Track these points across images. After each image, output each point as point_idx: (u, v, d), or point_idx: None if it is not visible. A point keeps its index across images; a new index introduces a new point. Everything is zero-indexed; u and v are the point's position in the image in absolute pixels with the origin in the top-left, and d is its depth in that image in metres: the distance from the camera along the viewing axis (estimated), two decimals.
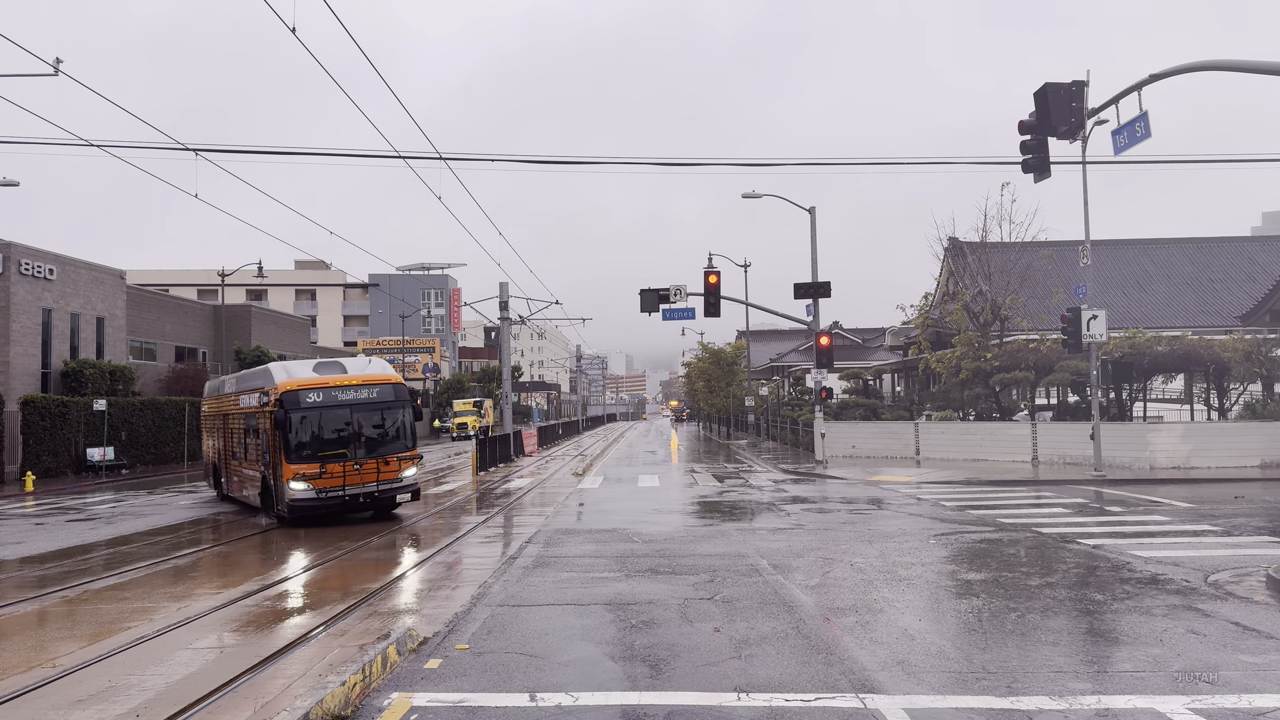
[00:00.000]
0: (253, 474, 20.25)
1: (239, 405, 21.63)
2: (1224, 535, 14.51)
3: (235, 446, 22.07)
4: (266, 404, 18.77)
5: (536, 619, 9.51)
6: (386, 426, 18.76)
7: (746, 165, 41.70)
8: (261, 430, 19.24)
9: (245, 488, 21.16)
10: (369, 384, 18.70)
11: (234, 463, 22.23)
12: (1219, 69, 13.39)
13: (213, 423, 25.05)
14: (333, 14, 15.74)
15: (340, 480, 17.87)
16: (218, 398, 24.56)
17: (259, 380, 20.13)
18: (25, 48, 15.46)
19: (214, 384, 26.30)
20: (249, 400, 20.49)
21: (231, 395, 22.71)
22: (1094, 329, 22.76)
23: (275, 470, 18.18)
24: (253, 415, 20.04)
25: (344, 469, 17.93)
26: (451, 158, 22.98)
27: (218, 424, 24.16)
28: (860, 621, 9.11)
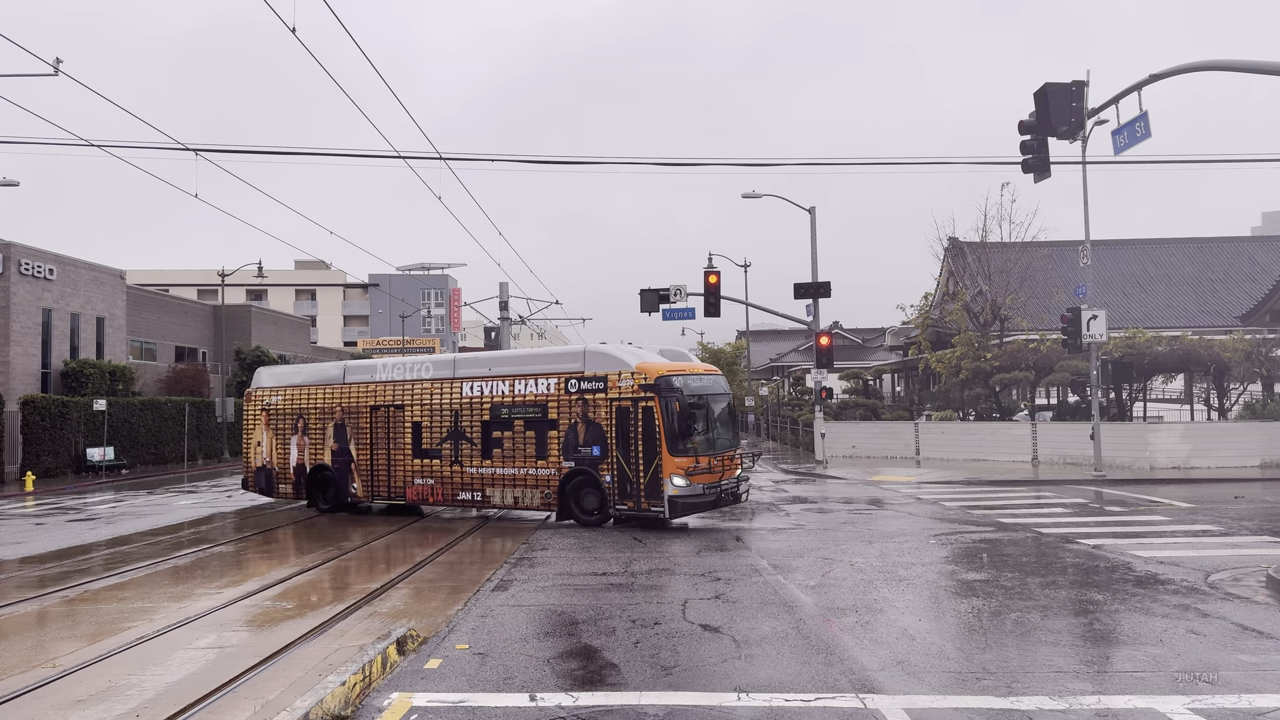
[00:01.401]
0: (526, 474, 17.41)
1: (498, 390, 17.88)
2: (1224, 535, 14.51)
3: (463, 442, 18.18)
4: (607, 390, 16.55)
5: (536, 619, 9.50)
6: (728, 421, 17.73)
7: (747, 165, 41.70)
8: (590, 420, 16.70)
9: (493, 491, 17.84)
10: (714, 376, 17.78)
11: (437, 464, 18.50)
12: (1219, 69, 13.39)
13: (330, 417, 20.26)
14: (335, 17, 15.74)
15: (717, 475, 16.57)
16: (368, 385, 19.84)
17: (569, 363, 17.34)
18: (25, 48, 15.47)
19: (319, 370, 21.69)
20: (544, 385, 17.32)
21: (443, 379, 18.76)
22: (1094, 329, 22.77)
23: (634, 465, 16.23)
24: (565, 403, 17.03)
25: (715, 463, 16.64)
26: (451, 158, 23.00)
27: (354, 417, 19.83)
28: (860, 621, 9.11)
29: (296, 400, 20.96)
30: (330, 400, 20.38)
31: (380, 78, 18.64)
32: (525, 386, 17.68)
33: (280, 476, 21.20)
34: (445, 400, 18.63)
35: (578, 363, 17.21)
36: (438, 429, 18.68)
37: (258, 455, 21.66)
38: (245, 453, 22.10)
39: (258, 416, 21.71)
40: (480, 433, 18.09)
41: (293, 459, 20.99)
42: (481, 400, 18.16)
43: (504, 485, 17.76)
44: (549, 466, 17.23)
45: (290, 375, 21.81)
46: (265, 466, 21.47)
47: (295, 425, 20.92)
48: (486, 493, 17.96)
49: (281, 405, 21.18)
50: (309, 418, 20.71)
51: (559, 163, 37.43)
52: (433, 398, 18.83)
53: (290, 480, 21.00)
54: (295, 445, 20.96)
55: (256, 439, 21.69)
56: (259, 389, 21.81)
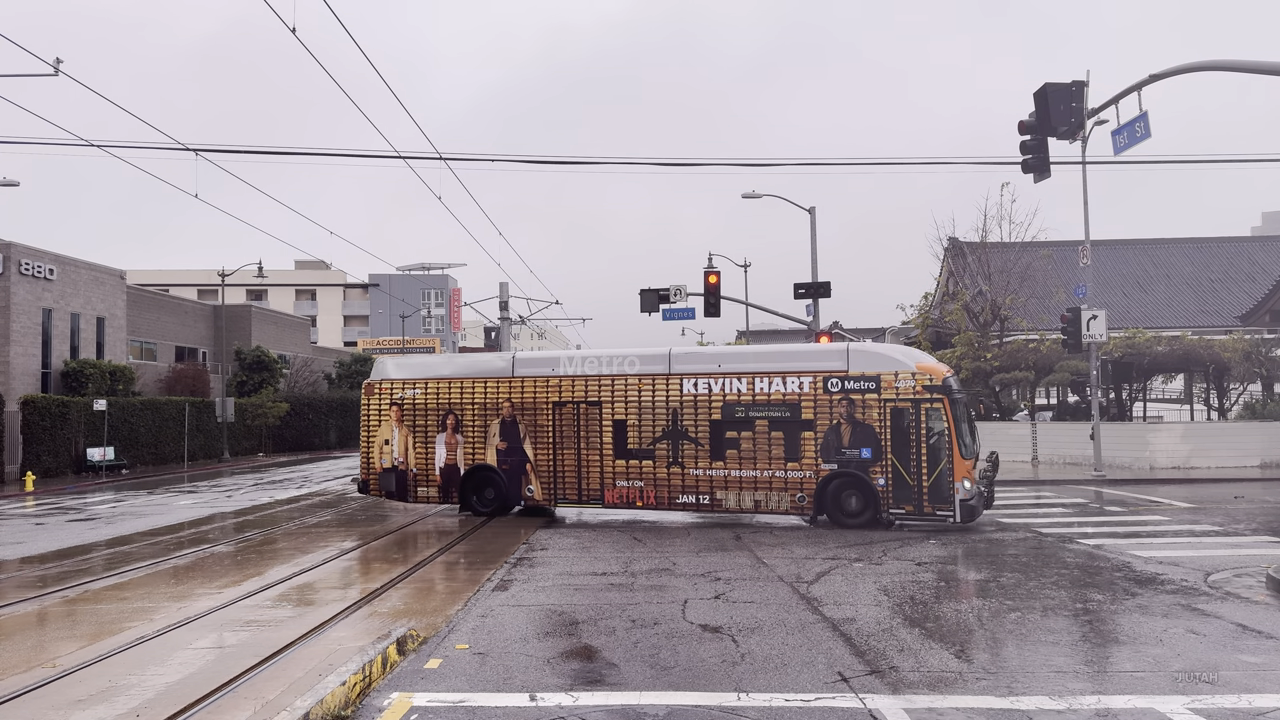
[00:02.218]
0: (772, 476, 16.54)
1: (732, 388, 16.84)
2: (1224, 535, 14.51)
3: (685, 442, 17.07)
4: (880, 390, 15.92)
5: (537, 618, 9.50)
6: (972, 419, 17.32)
7: (747, 165, 41.75)
8: (858, 421, 16.00)
9: (727, 494, 16.78)
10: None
11: (649, 465, 17.26)
12: (1218, 69, 13.40)
13: (494, 413, 18.38)
14: (335, 17, 15.74)
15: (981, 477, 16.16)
16: (548, 378, 18.18)
17: (827, 361, 16.54)
18: (25, 48, 15.47)
19: (474, 361, 19.83)
20: (794, 384, 16.43)
21: (655, 374, 17.47)
22: (1094, 329, 22.78)
23: (914, 469, 15.66)
24: (823, 403, 16.24)
25: (979, 464, 16.23)
26: (451, 158, 23.02)
27: (529, 414, 18.15)
28: (861, 621, 9.11)
29: (444, 394, 18.79)
30: (495, 395, 18.43)
31: (380, 77, 18.65)
32: (770, 385, 16.71)
33: (420, 478, 18.92)
34: (659, 397, 17.33)
35: (839, 361, 16.46)
36: (649, 428, 17.34)
37: (385, 455, 19.20)
38: (365, 452, 19.43)
39: (385, 412, 19.24)
40: (709, 432, 16.95)
41: (439, 459, 18.77)
42: (709, 398, 17.02)
43: (741, 488, 16.72)
44: (802, 469, 16.37)
45: (431, 366, 19.61)
46: (397, 467, 19.04)
47: (443, 422, 18.75)
48: (717, 495, 16.84)
49: (422, 400, 18.95)
50: (463, 413, 18.61)
51: (558, 162, 37.54)
52: (641, 394, 17.46)
53: (435, 482, 18.79)
54: (443, 444, 18.77)
55: (383, 436, 19.24)
56: (386, 380, 19.36)
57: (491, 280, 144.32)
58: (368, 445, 19.46)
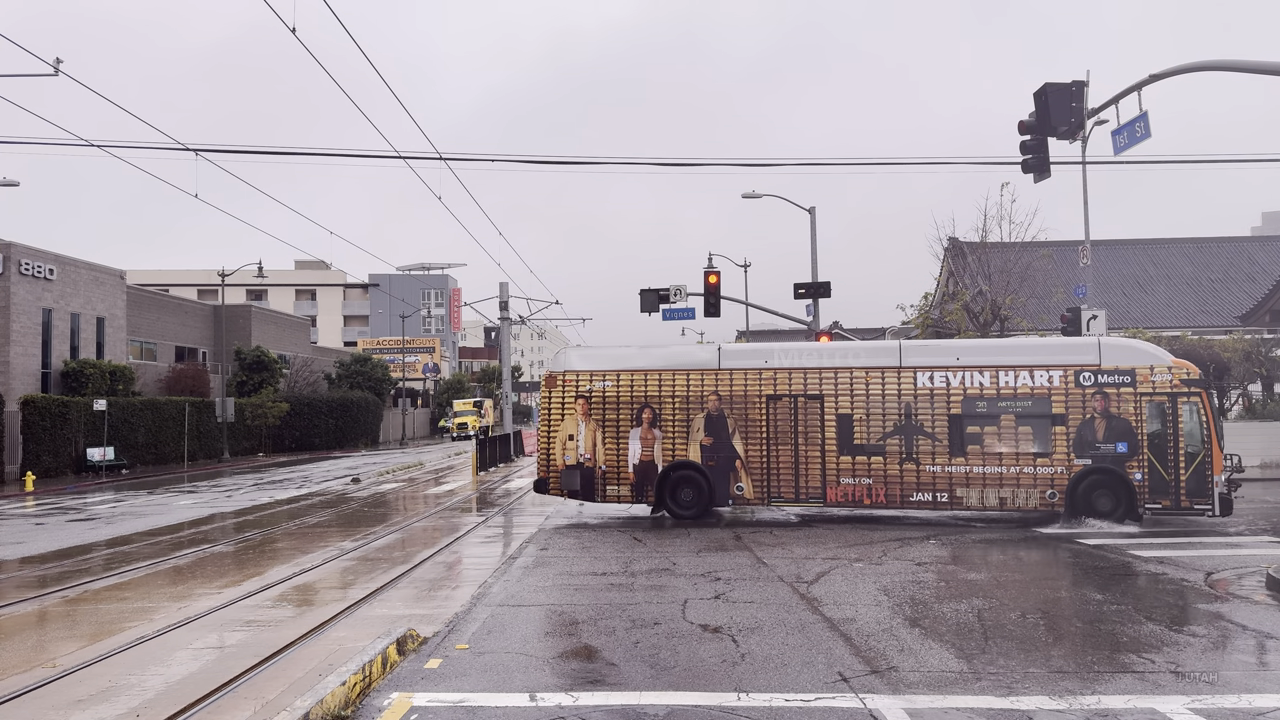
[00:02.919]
0: (1020, 472, 16.13)
1: (973, 381, 16.45)
2: (1224, 535, 14.52)
3: (920, 437, 16.51)
4: (1135, 384, 15.77)
5: (537, 619, 9.51)
6: None
7: (747, 165, 41.75)
8: (1113, 415, 15.83)
9: (968, 491, 16.28)
10: None
11: (879, 462, 16.60)
12: (1218, 69, 13.40)
13: (698, 407, 17.45)
14: (335, 17, 15.75)
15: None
16: (760, 371, 17.36)
17: (1077, 355, 16.34)
18: (26, 48, 15.47)
19: (675, 353, 18.50)
20: (1043, 378, 16.19)
21: (884, 367, 16.88)
22: (1094, 329, 22.74)
23: (1170, 463, 15.61)
24: (1075, 397, 16.02)
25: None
26: (451, 158, 23.01)
27: (738, 408, 17.27)
28: (861, 621, 9.11)
29: (639, 387, 17.74)
30: (698, 388, 17.50)
31: (379, 76, 18.65)
32: (1015, 378, 16.37)
33: (610, 476, 17.68)
34: (890, 390, 16.74)
35: (1090, 355, 16.21)
36: (878, 422, 16.72)
37: (568, 451, 17.89)
38: (546, 448, 18.07)
39: (570, 406, 17.96)
40: (947, 427, 16.46)
41: (633, 456, 17.62)
42: (947, 392, 16.51)
43: (985, 485, 16.24)
44: (1053, 464, 16.01)
45: (624, 357, 18.35)
46: (583, 464, 17.77)
47: (638, 416, 17.66)
48: (957, 493, 16.32)
49: (613, 393, 17.81)
50: (661, 407, 17.59)
51: (558, 162, 37.55)
52: (870, 388, 16.85)
53: (628, 480, 17.60)
54: (638, 439, 17.64)
55: (566, 432, 17.91)
56: (570, 372, 18.09)
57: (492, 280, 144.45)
58: (548, 441, 18.08)
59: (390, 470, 34.53)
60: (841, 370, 17.06)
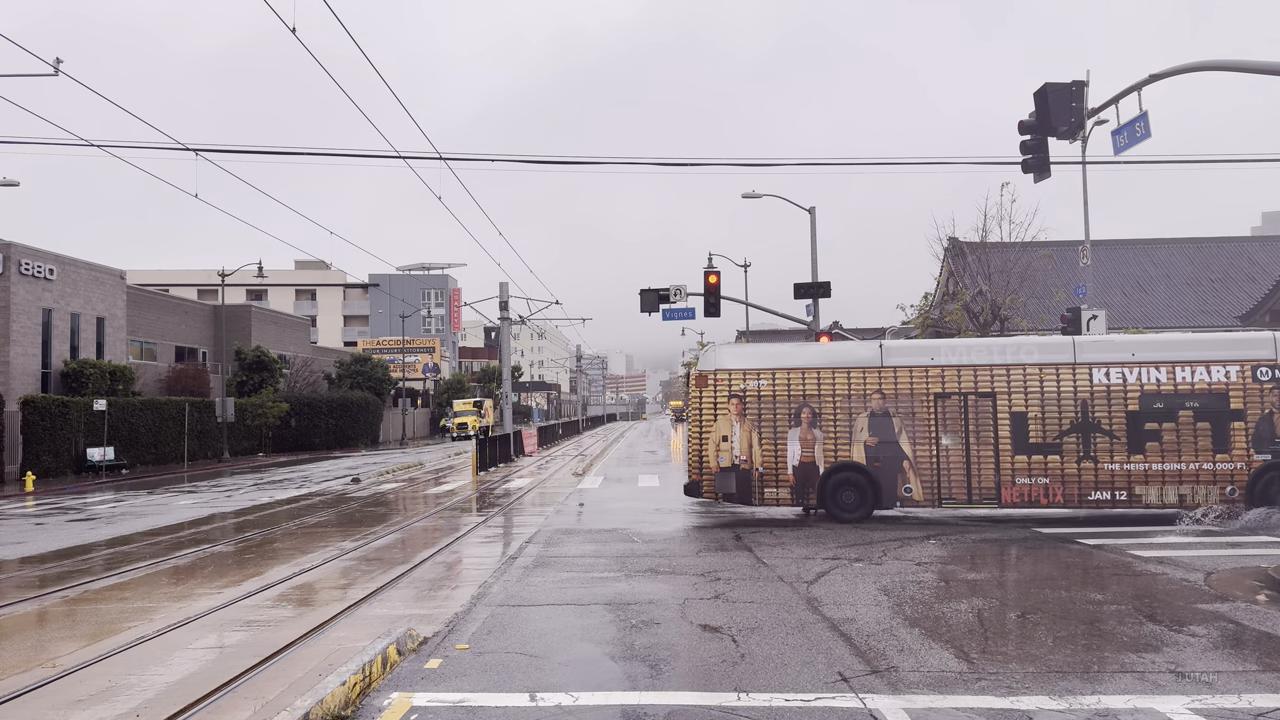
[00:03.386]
0: (1198, 469, 16.00)
1: (1150, 377, 16.31)
2: (1224, 535, 14.52)
3: (1097, 435, 16.21)
4: None
5: (537, 619, 9.51)
6: None
7: (747, 165, 41.76)
8: None
9: (1147, 489, 16.12)
10: None
11: (1056, 460, 16.25)
12: (1218, 69, 13.40)
13: (860, 406, 16.95)
14: (335, 16, 15.74)
15: None
16: (926, 368, 16.91)
17: (1253, 350, 16.26)
18: (26, 48, 15.48)
19: (833, 350, 17.95)
20: (1220, 373, 16.13)
21: (1058, 363, 16.61)
22: (1094, 329, 22.75)
23: None
24: (1253, 392, 15.98)
25: None
26: (451, 158, 22.98)
27: (904, 406, 16.82)
28: (861, 621, 9.12)
29: (796, 385, 17.16)
30: (860, 386, 17.01)
31: (379, 75, 18.64)
32: (1193, 374, 16.25)
33: (769, 478, 17.00)
34: (1065, 388, 16.47)
35: (1267, 350, 16.12)
36: (1053, 420, 16.39)
37: (721, 453, 17.21)
38: (698, 449, 17.36)
39: (723, 405, 17.28)
40: (1125, 425, 16.23)
41: (792, 457, 17.00)
42: (1124, 388, 16.33)
43: (1164, 482, 16.07)
44: (1232, 460, 15.93)
45: (779, 354, 17.74)
46: (738, 466, 17.10)
47: (796, 416, 17.06)
48: (1136, 491, 16.09)
49: (769, 391, 17.20)
50: (821, 406, 17.02)
51: (557, 162, 37.51)
52: (1044, 385, 16.52)
53: (787, 483, 16.96)
54: (797, 440, 17.04)
55: (720, 432, 17.20)
56: (723, 370, 17.40)
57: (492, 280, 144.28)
58: (700, 443, 17.35)
59: (390, 470, 34.53)
60: (1014, 367, 16.75)
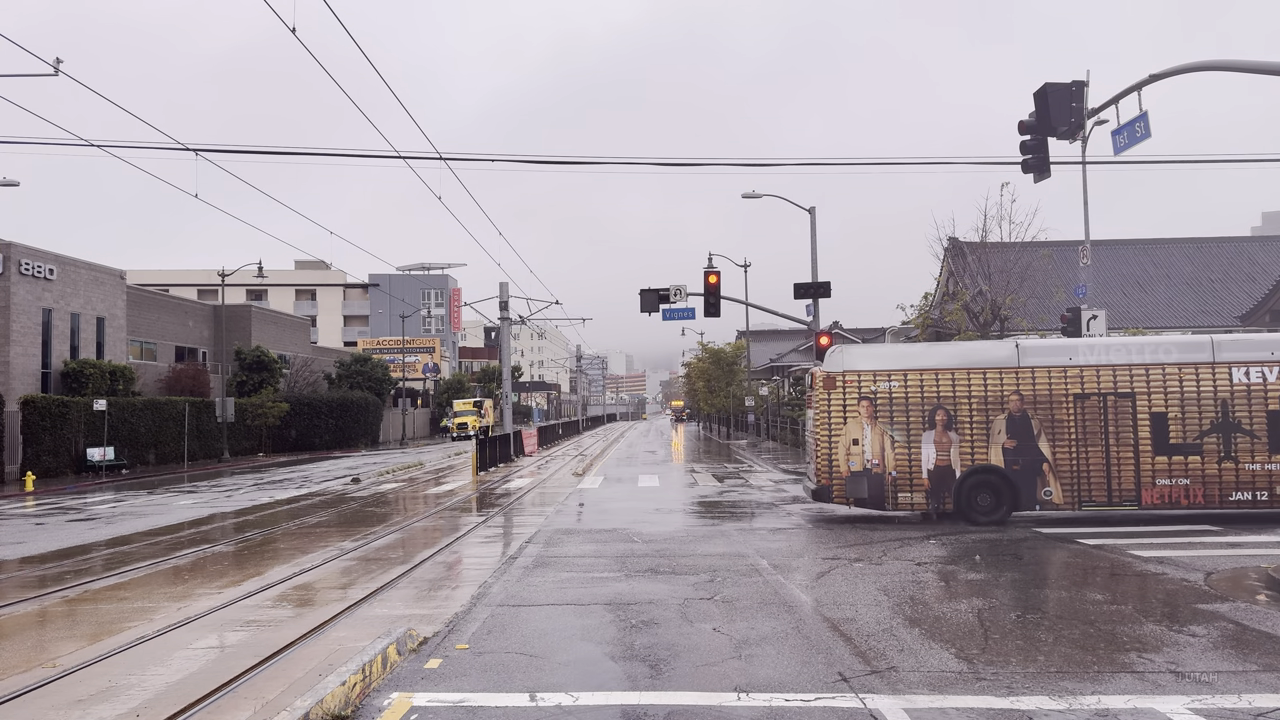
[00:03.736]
0: None
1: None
2: (1223, 535, 14.52)
3: (1238, 435, 16.11)
4: None
5: (537, 619, 9.51)
6: None
7: (747, 165, 41.74)
8: None
9: None
10: None
11: (1196, 461, 16.09)
12: (1219, 69, 13.39)
13: (998, 407, 16.55)
14: (335, 17, 15.74)
15: None
16: (1065, 368, 16.60)
17: None
18: (25, 48, 15.48)
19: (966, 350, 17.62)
20: None
21: (1197, 363, 16.39)
22: (1094, 329, 22.74)
23: None
24: None
25: None
26: (451, 158, 22.97)
27: (1042, 407, 16.48)
28: (860, 621, 9.12)
29: (929, 387, 16.79)
30: (997, 387, 16.67)
31: (379, 75, 18.64)
32: None
33: (903, 482, 16.63)
34: (1205, 388, 16.31)
35: None
36: (1194, 421, 16.22)
37: (852, 457, 16.78)
38: (827, 454, 16.85)
39: (852, 408, 16.85)
40: (1266, 424, 16.06)
41: (927, 460, 16.64)
42: (1265, 388, 16.17)
43: None
44: None
45: (910, 355, 17.45)
46: (870, 470, 16.71)
47: (930, 418, 16.70)
48: (1277, 491, 15.99)
49: (900, 393, 16.81)
50: (957, 408, 16.65)
51: (556, 162, 37.53)
52: (1184, 385, 16.34)
53: (921, 487, 16.59)
54: (932, 443, 16.68)
55: (850, 436, 16.80)
56: (851, 372, 16.92)
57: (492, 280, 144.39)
58: (830, 446, 16.87)
59: (390, 470, 34.53)
60: (1153, 367, 16.50)
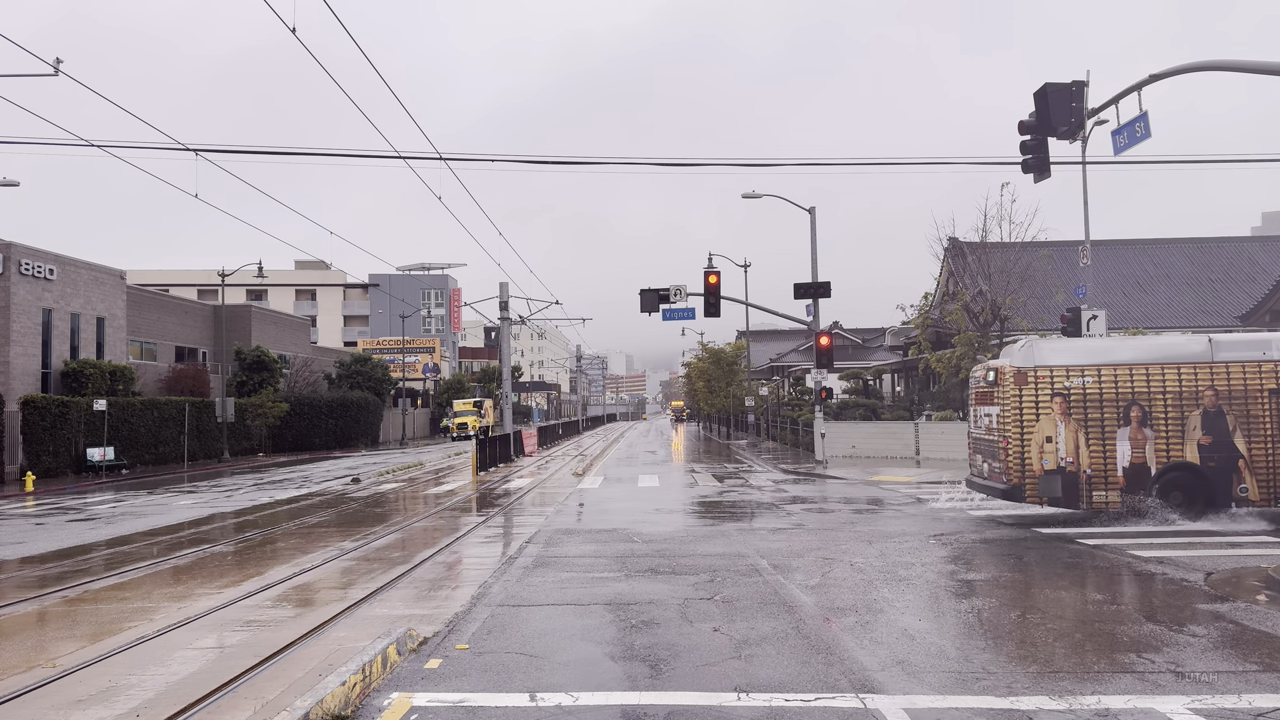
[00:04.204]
0: None
1: None
2: (1223, 535, 14.52)
3: None
4: None
5: (537, 619, 9.51)
6: None
7: (748, 165, 41.76)
8: None
9: None
10: None
11: None
12: (1219, 69, 13.39)
13: (1192, 403, 16.31)
14: (335, 17, 15.74)
15: None
16: (1259, 363, 16.35)
17: None
18: (25, 48, 15.48)
19: (1158, 345, 17.16)
20: None
21: None
22: (1094, 329, 22.75)
23: None
24: None
25: None
26: (451, 158, 22.98)
27: (1238, 403, 16.22)
28: (860, 621, 9.12)
29: (1123, 382, 16.47)
30: (1191, 382, 16.44)
31: (379, 75, 18.64)
32: None
33: (1097, 480, 16.30)
34: None
35: None
36: None
37: (1045, 454, 16.42)
38: (1019, 452, 16.48)
39: (1045, 404, 16.53)
40: None
41: (1121, 458, 16.31)
42: None
43: None
44: None
45: (1102, 350, 17.06)
46: (1064, 468, 16.35)
47: (1125, 415, 16.38)
48: None
49: (1094, 389, 16.50)
50: (1151, 404, 16.33)
51: (556, 162, 37.52)
52: None
53: (1116, 485, 16.27)
54: (1126, 440, 16.37)
55: (1043, 433, 16.44)
56: (1043, 368, 16.55)
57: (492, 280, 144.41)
58: (1022, 444, 16.48)
59: (390, 470, 34.54)
60: None
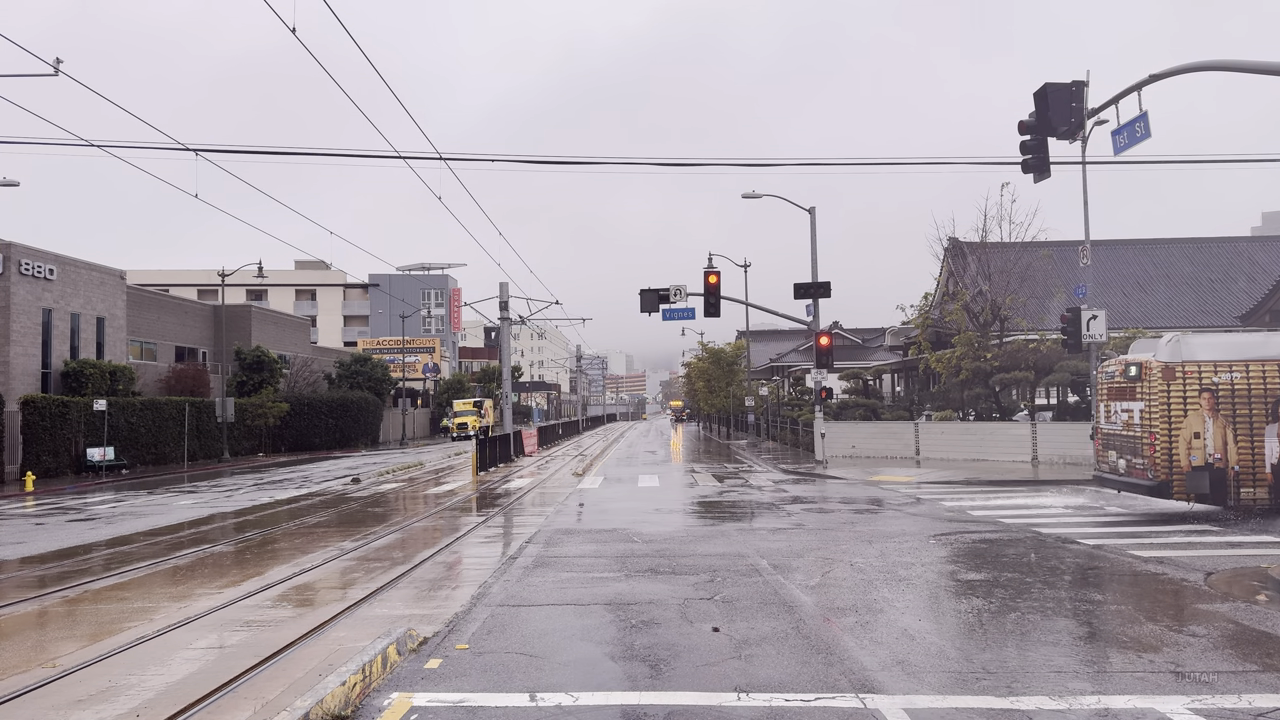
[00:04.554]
0: None
1: None
2: (1223, 535, 14.52)
3: None
4: None
5: (537, 619, 9.51)
6: None
7: (748, 165, 41.76)
8: None
9: None
10: None
11: None
12: (1219, 69, 13.39)
13: None
14: (336, 18, 15.74)
15: None
16: None
17: None
18: (25, 48, 15.48)
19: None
20: None
21: None
22: (1094, 329, 22.77)
23: None
24: None
25: None
26: (451, 158, 22.97)
27: None
28: (860, 621, 9.12)
29: (1271, 379, 16.32)
30: None
31: (379, 75, 18.64)
32: None
33: (1245, 477, 16.20)
34: None
35: None
36: None
37: (1193, 451, 16.24)
38: (1165, 448, 16.28)
39: (1193, 400, 16.38)
40: None
41: (1270, 454, 16.12)
42: None
43: None
44: None
45: (1249, 346, 16.83)
46: (1212, 465, 16.18)
47: (1273, 411, 16.24)
48: None
49: (1242, 385, 16.38)
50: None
51: (555, 162, 37.46)
52: None
53: (1265, 482, 16.16)
54: (1275, 437, 16.16)
55: (1190, 430, 16.29)
56: (1191, 363, 16.43)
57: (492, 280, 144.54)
58: (1169, 440, 16.30)
59: (390, 470, 34.53)
60: None
